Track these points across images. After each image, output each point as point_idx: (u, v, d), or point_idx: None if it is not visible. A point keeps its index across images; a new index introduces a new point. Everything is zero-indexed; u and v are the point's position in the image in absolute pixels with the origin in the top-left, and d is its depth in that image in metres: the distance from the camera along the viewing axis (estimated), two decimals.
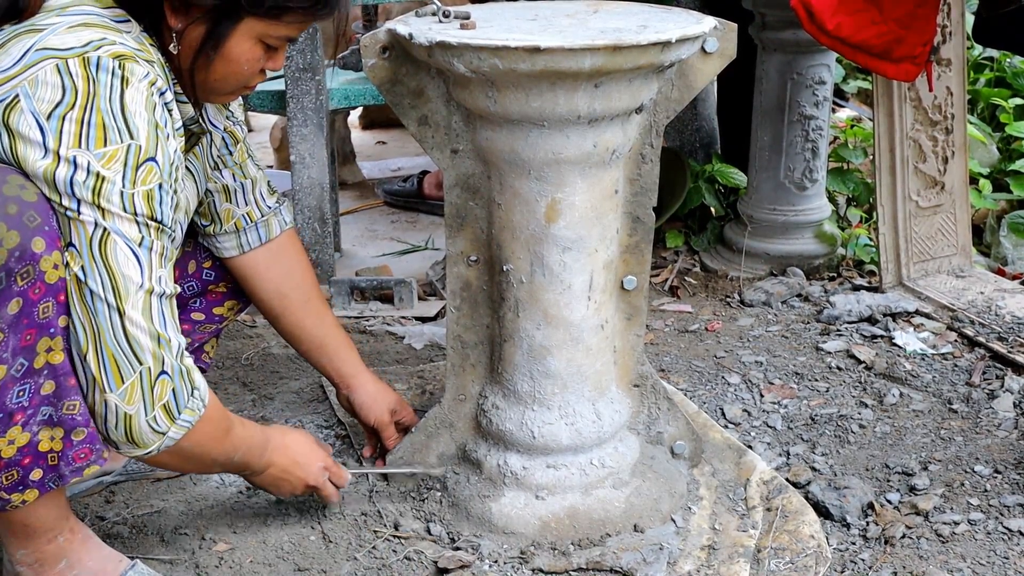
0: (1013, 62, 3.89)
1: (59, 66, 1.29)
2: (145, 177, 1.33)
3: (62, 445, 1.38)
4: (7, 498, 1.38)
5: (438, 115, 1.63)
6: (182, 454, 1.43)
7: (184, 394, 1.39)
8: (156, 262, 1.35)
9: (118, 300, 1.31)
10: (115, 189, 1.30)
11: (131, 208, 1.31)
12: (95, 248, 1.30)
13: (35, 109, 1.28)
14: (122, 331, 1.32)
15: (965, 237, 2.73)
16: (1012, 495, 1.84)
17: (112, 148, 1.30)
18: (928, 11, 2.30)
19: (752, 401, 2.20)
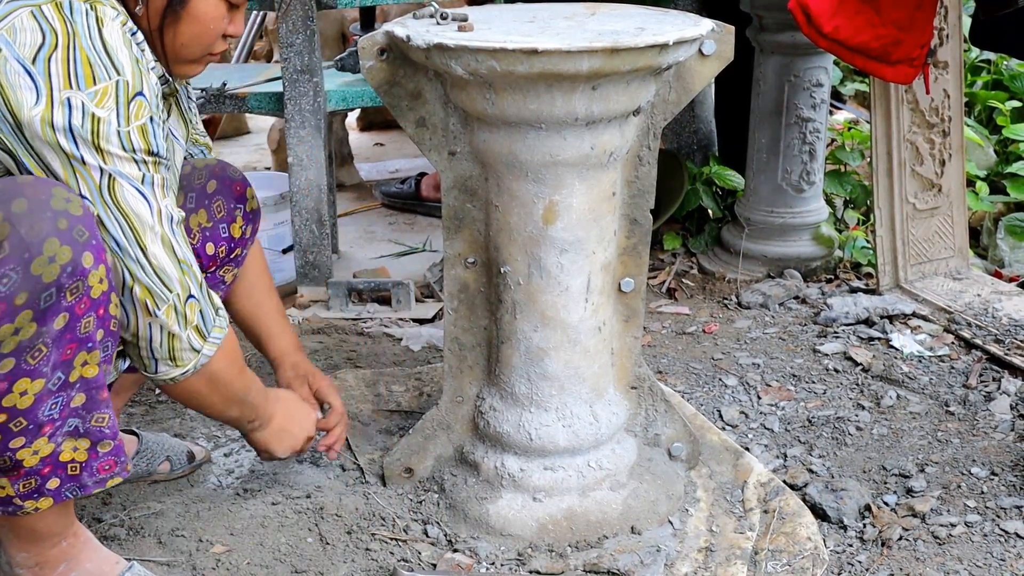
0: (1010, 65, 3.89)
1: (33, 12, 1.32)
2: (137, 112, 1.35)
3: (86, 456, 1.40)
4: (20, 504, 1.39)
5: (436, 117, 1.63)
6: (211, 379, 1.50)
7: (210, 314, 1.48)
8: (160, 194, 1.40)
9: (138, 240, 1.38)
10: (112, 129, 1.33)
11: (129, 146, 1.35)
12: (106, 195, 1.35)
13: (19, 55, 1.30)
14: (150, 267, 1.40)
15: (962, 239, 2.73)
16: (1009, 497, 1.84)
17: (102, 85, 1.32)
18: (925, 14, 2.30)
19: (749, 403, 2.20)
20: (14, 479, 1.36)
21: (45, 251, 1.27)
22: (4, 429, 1.31)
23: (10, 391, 1.29)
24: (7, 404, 1.30)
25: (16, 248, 1.25)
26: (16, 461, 1.34)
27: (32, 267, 1.26)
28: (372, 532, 1.72)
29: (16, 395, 1.30)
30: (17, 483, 1.37)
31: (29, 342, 1.28)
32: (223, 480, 1.88)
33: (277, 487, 1.85)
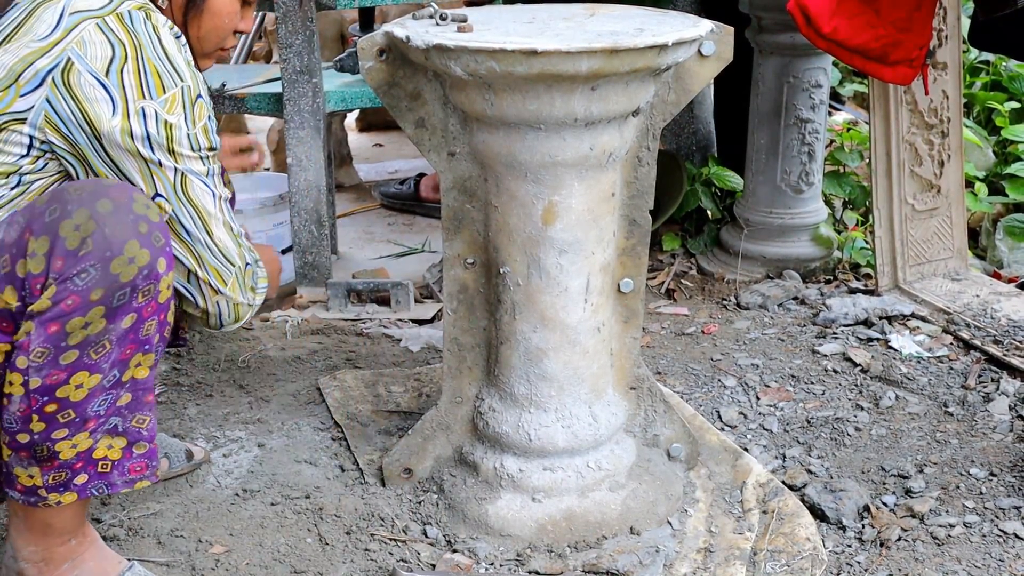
0: (1009, 66, 3.89)
1: (99, 25, 1.41)
2: (199, 113, 1.48)
3: (120, 455, 1.43)
4: (45, 496, 1.41)
5: (435, 118, 1.63)
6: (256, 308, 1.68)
7: (261, 273, 1.65)
8: (218, 183, 1.55)
9: (207, 228, 1.52)
10: (183, 133, 1.45)
11: (196, 146, 1.48)
12: (179, 192, 1.48)
13: (92, 68, 1.39)
14: (217, 250, 1.54)
15: (961, 240, 2.74)
16: (1007, 498, 1.84)
17: (170, 93, 1.44)
18: (924, 15, 2.30)
19: (748, 404, 2.20)
20: (46, 470, 1.39)
21: (126, 252, 1.34)
22: (51, 418, 1.36)
23: (67, 382, 1.34)
24: (60, 395, 1.35)
25: (99, 246, 1.33)
26: (53, 452, 1.38)
27: (112, 265, 1.34)
28: (371, 532, 1.72)
29: (72, 387, 1.35)
30: (48, 474, 1.39)
31: (96, 337, 1.35)
32: (222, 480, 1.88)
33: (276, 487, 1.85)
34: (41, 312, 1.33)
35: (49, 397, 1.34)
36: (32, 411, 1.35)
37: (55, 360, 1.33)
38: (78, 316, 1.32)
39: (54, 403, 1.35)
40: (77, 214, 1.33)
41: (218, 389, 2.22)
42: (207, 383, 2.24)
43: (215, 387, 2.23)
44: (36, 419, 1.35)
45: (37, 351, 1.33)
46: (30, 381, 1.34)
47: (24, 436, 1.37)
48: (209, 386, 2.23)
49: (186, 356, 2.34)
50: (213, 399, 2.18)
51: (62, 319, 1.32)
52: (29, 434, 1.36)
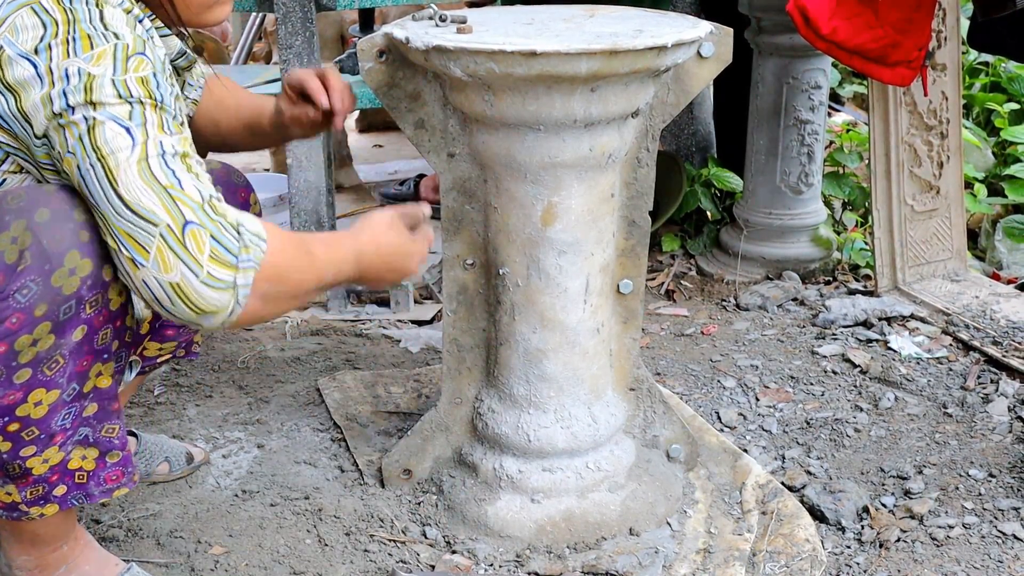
0: (1008, 67, 3.90)
1: (34, 7, 1.26)
2: (137, 66, 1.25)
3: (94, 465, 1.40)
4: (26, 511, 1.39)
5: (434, 119, 1.63)
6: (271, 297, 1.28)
7: (229, 236, 1.23)
8: (153, 131, 1.24)
9: (110, 175, 1.21)
10: (106, 79, 1.23)
11: (124, 92, 1.24)
12: (85, 141, 1.22)
13: (21, 51, 1.24)
14: (121, 203, 1.21)
15: (960, 241, 2.74)
16: (1006, 499, 1.84)
17: (99, 49, 1.24)
18: (923, 16, 2.30)
19: (748, 405, 2.20)
20: (22, 486, 1.36)
21: (66, 263, 1.25)
22: (15, 437, 1.31)
23: (25, 401, 1.29)
24: (21, 414, 1.29)
25: (38, 259, 1.24)
26: (25, 469, 1.34)
27: (53, 278, 1.24)
28: (371, 533, 1.72)
29: (31, 405, 1.29)
30: (24, 490, 1.37)
31: (47, 353, 1.27)
32: (221, 481, 1.88)
33: (276, 488, 1.85)
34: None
35: (9, 417, 1.29)
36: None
37: (9, 380, 1.27)
38: (25, 334, 1.25)
39: (16, 422, 1.30)
40: (14, 226, 1.24)
41: (217, 390, 2.23)
42: (206, 384, 2.25)
43: (214, 388, 2.23)
44: (1, 439, 1.31)
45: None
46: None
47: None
48: (208, 387, 2.23)
49: (184, 357, 2.34)
50: (212, 400, 2.18)
51: (9, 338, 1.24)
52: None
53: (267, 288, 1.27)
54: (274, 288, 1.28)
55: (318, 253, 1.36)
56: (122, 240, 1.22)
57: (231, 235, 1.23)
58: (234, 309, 1.24)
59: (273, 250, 1.27)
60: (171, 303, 1.22)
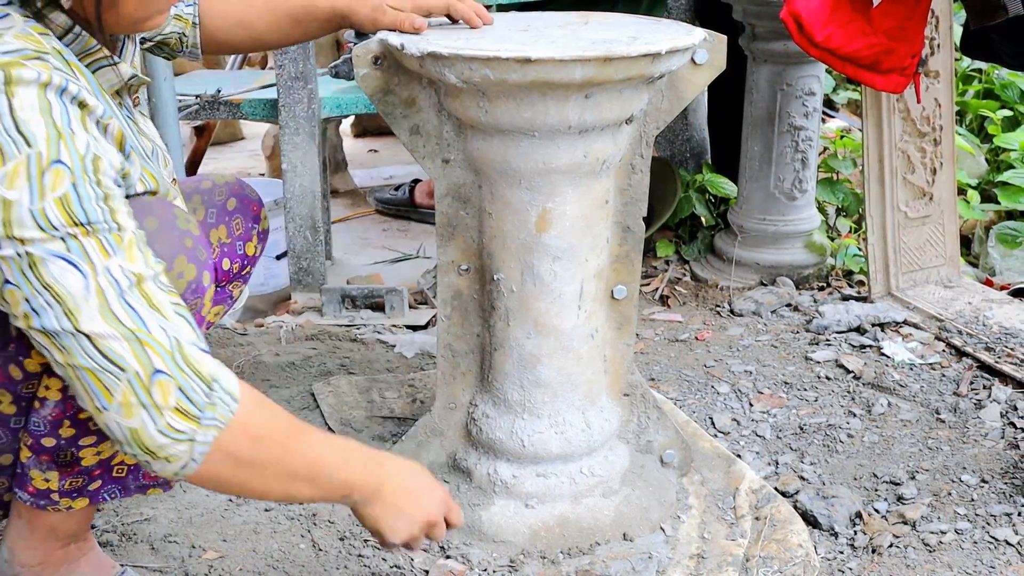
0: (1001, 74, 3.91)
1: None
2: (53, 183, 1.14)
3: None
4: (56, 501, 1.40)
5: (429, 125, 1.63)
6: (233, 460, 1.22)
7: (198, 390, 1.18)
8: (99, 259, 1.16)
9: (71, 318, 1.14)
10: (23, 211, 1.13)
11: (46, 224, 1.14)
12: (32, 277, 1.14)
13: None
14: (91, 345, 1.15)
15: (953, 248, 2.75)
16: (999, 504, 1.85)
17: (12, 164, 1.13)
18: (916, 23, 2.32)
19: (741, 410, 2.21)
20: (65, 475, 1.38)
21: (175, 267, 1.30)
22: (82, 425, 1.34)
23: None
24: None
25: None
26: (77, 458, 1.37)
27: None
28: (365, 539, 1.72)
29: None
30: (65, 479, 1.39)
31: None
32: None
33: None
34: None
35: None
36: (65, 416, 1.33)
37: None
38: None
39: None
40: None
41: None
42: None
43: None
44: (67, 424, 1.34)
45: None
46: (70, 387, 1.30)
47: (50, 440, 1.35)
48: None
49: None
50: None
51: None
52: (56, 439, 1.35)
53: (232, 450, 1.21)
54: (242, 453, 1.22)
55: (308, 439, 1.29)
56: (86, 378, 1.16)
57: (201, 389, 1.18)
58: (188, 464, 1.19)
59: (245, 412, 1.21)
60: (129, 445, 1.18)
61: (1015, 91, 3.85)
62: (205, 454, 1.19)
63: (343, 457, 1.33)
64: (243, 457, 1.22)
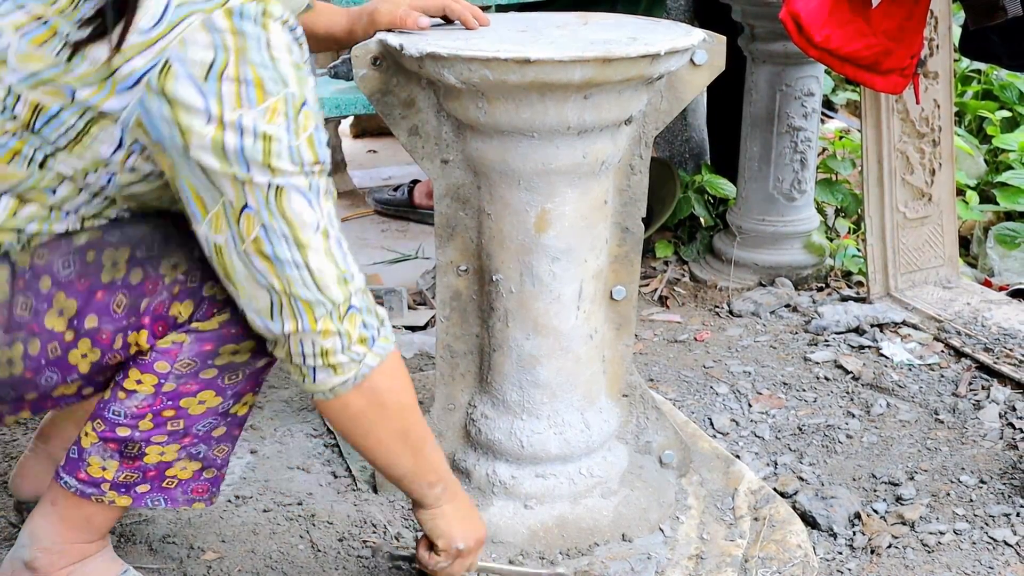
0: (1000, 75, 3.92)
1: (205, 22, 1.22)
2: (305, 123, 1.29)
3: (190, 475, 1.46)
4: (104, 492, 1.43)
5: (428, 125, 1.63)
6: (373, 395, 1.38)
7: (374, 324, 1.37)
8: (327, 204, 1.32)
9: (300, 249, 1.29)
10: (283, 146, 1.26)
11: (299, 160, 1.28)
12: (272, 205, 1.27)
13: (190, 73, 1.22)
14: (310, 277, 1.30)
15: (952, 248, 2.75)
16: (997, 505, 1.85)
17: (272, 101, 1.25)
18: (915, 24, 2.32)
19: (740, 411, 2.21)
20: (124, 466, 1.41)
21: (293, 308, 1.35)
22: (162, 423, 1.39)
23: (194, 395, 1.38)
24: (183, 404, 1.38)
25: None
26: (142, 453, 1.40)
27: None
28: (363, 539, 1.72)
29: (195, 401, 1.39)
30: (121, 472, 1.41)
31: (236, 365, 1.39)
32: None
33: (268, 494, 1.85)
34: (203, 331, 1.36)
35: (173, 403, 1.38)
36: (151, 410, 1.38)
37: (196, 374, 1.37)
38: (232, 344, 1.37)
39: (173, 409, 1.38)
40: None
41: None
42: None
43: None
44: (149, 418, 1.38)
45: (184, 361, 1.36)
46: (165, 385, 1.37)
47: (125, 430, 1.39)
48: None
49: None
50: None
51: (219, 342, 1.37)
52: (132, 429, 1.39)
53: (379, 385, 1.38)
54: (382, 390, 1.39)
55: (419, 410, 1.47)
56: (300, 306, 1.31)
57: (375, 324, 1.37)
58: (347, 382, 1.35)
59: (396, 354, 1.41)
60: (314, 360, 1.33)
61: (1014, 92, 3.86)
62: (365, 376, 1.36)
63: (433, 442, 1.49)
64: (382, 395, 1.39)
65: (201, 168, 1.26)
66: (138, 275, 1.35)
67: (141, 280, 1.35)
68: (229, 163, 1.25)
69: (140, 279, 1.35)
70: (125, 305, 1.35)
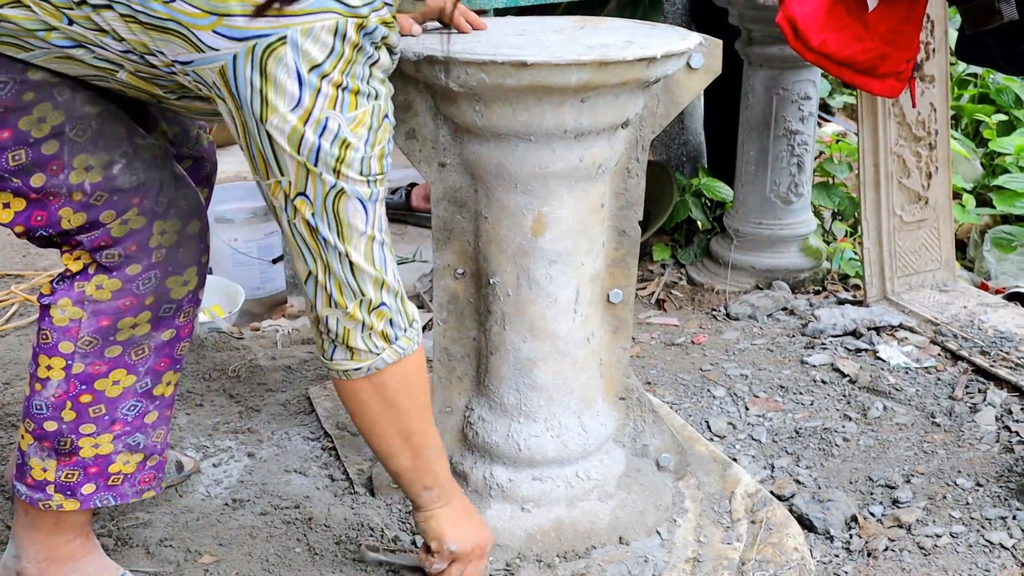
0: (996, 78, 3.93)
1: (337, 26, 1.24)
2: (381, 136, 1.34)
3: (134, 468, 1.48)
4: (51, 495, 1.44)
5: (426, 129, 1.63)
6: (385, 391, 1.43)
7: (402, 323, 1.43)
8: (378, 210, 1.37)
9: (344, 243, 1.34)
10: (357, 156, 1.31)
11: (367, 171, 1.33)
12: (328, 202, 1.32)
13: (297, 60, 1.23)
14: (349, 268, 1.36)
15: (948, 252, 2.75)
16: (993, 508, 1.85)
17: (361, 111, 1.29)
18: (912, 28, 2.32)
19: (737, 414, 2.21)
20: (63, 464, 1.43)
21: (184, 274, 1.43)
22: (83, 410, 1.41)
23: (106, 375, 1.41)
24: (98, 387, 1.41)
25: (169, 260, 1.42)
26: (75, 447, 1.42)
27: (168, 281, 1.42)
28: (361, 542, 1.72)
29: (109, 382, 1.41)
30: (63, 470, 1.43)
31: (139, 339, 1.42)
32: (211, 490, 1.88)
33: (266, 497, 1.85)
34: (97, 302, 1.38)
35: (87, 386, 1.40)
36: (68, 397, 1.40)
37: (100, 352, 1.40)
38: (130, 316, 1.40)
39: (90, 394, 1.40)
40: (172, 223, 1.41)
41: (208, 399, 2.22)
42: (197, 392, 2.24)
43: (205, 396, 2.23)
44: (69, 406, 1.40)
45: (85, 339, 1.39)
46: (74, 366, 1.40)
47: (52, 424, 1.41)
48: (199, 395, 2.23)
49: None
50: (203, 408, 2.18)
51: (116, 315, 1.39)
52: (58, 422, 1.41)
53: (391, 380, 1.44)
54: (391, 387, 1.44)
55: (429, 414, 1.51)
56: (332, 283, 1.37)
57: (403, 323, 1.44)
58: (360, 368, 1.41)
59: (417, 356, 1.46)
60: (334, 338, 1.40)
61: (1010, 96, 3.87)
62: (379, 369, 1.42)
63: (440, 451, 1.54)
64: (390, 390, 1.44)
65: (271, 141, 1.28)
66: (52, 148, 1.33)
67: (51, 155, 1.33)
68: (300, 154, 1.28)
69: (51, 152, 1.33)
70: (21, 163, 1.32)
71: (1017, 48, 2.26)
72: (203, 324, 2.52)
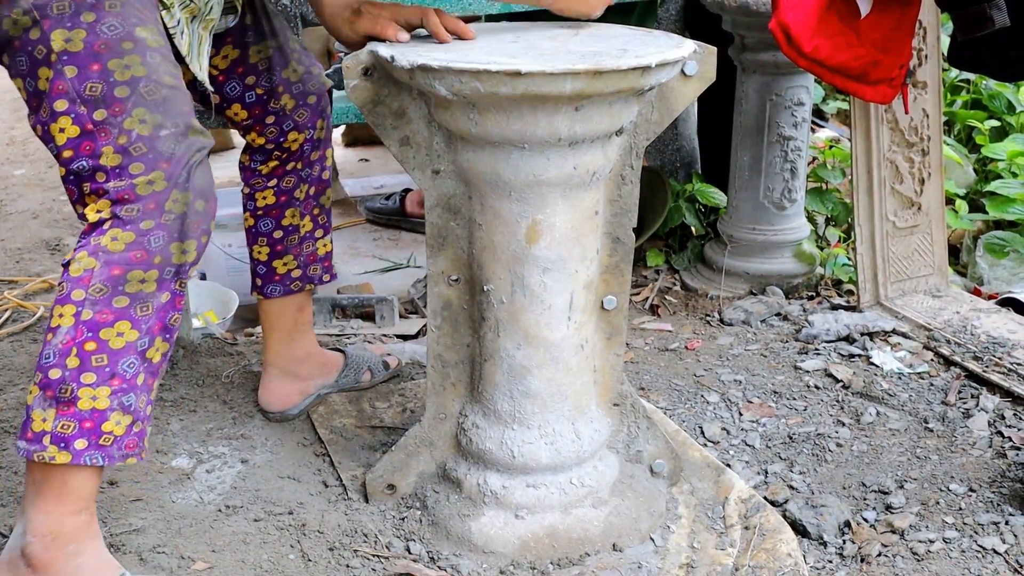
0: (989, 84, 3.94)
1: None
2: None
3: (123, 431, 1.52)
4: (46, 446, 1.47)
5: (420, 136, 1.64)
6: None
7: None
8: None
9: None
10: None
11: None
12: None
13: None
14: None
15: (941, 257, 2.76)
16: (986, 513, 1.86)
17: None
18: (904, 34, 2.33)
19: (731, 420, 2.21)
20: (60, 414, 1.47)
21: (186, 244, 1.50)
22: (87, 358, 1.46)
23: (111, 325, 1.47)
24: (103, 336, 1.47)
25: (175, 226, 1.49)
26: (75, 396, 1.46)
27: (172, 246, 1.49)
28: (354, 549, 1.72)
29: (114, 332, 1.47)
30: (59, 420, 1.47)
31: (146, 296, 1.49)
32: (205, 496, 1.88)
33: (259, 503, 1.85)
34: (111, 252, 1.46)
35: (93, 334, 1.46)
36: (75, 343, 1.46)
37: (109, 300, 1.46)
38: (139, 270, 1.47)
39: (95, 342, 1.45)
40: (184, 196, 1.49)
41: (202, 404, 2.22)
42: (190, 398, 2.24)
43: (198, 402, 2.23)
44: (74, 352, 1.45)
45: (96, 286, 1.46)
46: (83, 312, 1.46)
47: (56, 372, 1.46)
48: (192, 401, 2.23)
49: (169, 371, 2.34)
50: (196, 414, 2.18)
51: (127, 267, 1.46)
52: (62, 369, 1.46)
53: None
54: None
55: None
56: None
57: None
58: None
59: None
60: None
61: (1003, 101, 3.88)
62: None
63: None
64: None
65: None
66: (123, 92, 1.46)
67: (120, 98, 1.46)
68: None
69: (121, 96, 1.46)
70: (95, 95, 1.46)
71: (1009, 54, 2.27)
72: (197, 329, 2.52)
